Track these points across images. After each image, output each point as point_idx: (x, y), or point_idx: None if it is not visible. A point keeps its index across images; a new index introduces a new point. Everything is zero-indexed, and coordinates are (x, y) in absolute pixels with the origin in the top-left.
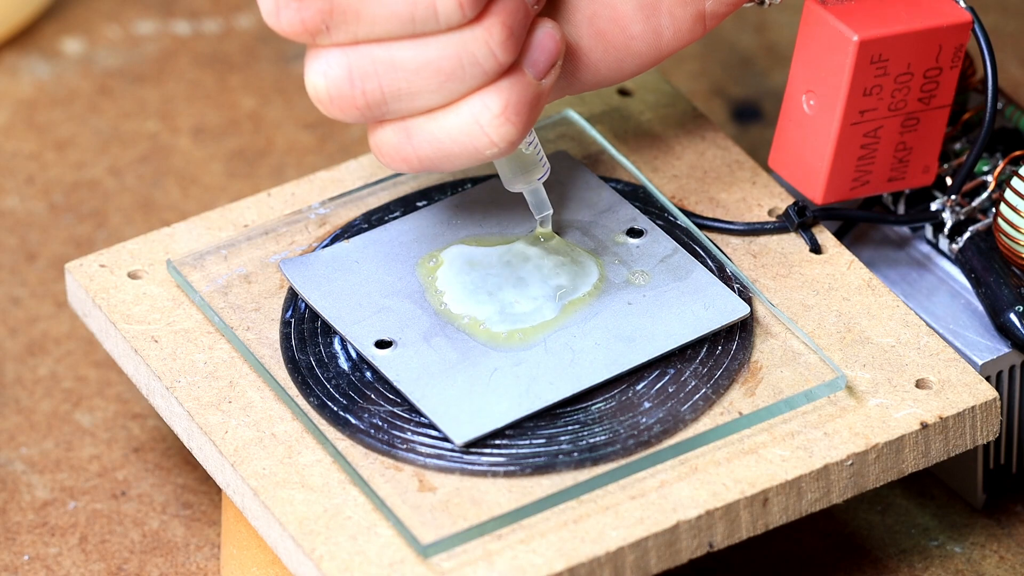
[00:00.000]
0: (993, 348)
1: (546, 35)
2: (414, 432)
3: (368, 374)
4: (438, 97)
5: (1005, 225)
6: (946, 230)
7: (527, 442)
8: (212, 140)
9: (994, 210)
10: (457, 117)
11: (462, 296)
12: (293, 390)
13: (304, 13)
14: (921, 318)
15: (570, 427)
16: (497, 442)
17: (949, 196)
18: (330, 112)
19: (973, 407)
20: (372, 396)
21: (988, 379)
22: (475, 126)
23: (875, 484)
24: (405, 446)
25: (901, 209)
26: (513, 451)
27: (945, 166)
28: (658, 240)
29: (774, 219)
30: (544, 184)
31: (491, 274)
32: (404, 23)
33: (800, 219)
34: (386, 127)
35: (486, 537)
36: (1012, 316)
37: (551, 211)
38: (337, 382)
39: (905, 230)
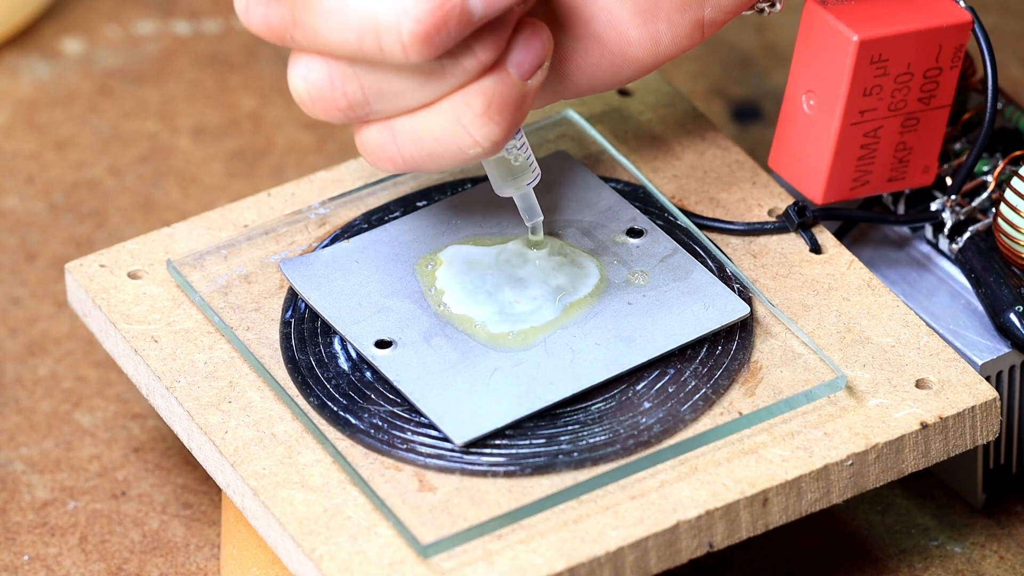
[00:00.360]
0: (993, 348)
1: (533, 35)
2: (414, 432)
3: (368, 374)
4: (420, 96)
5: (1005, 225)
6: (946, 230)
7: (527, 442)
8: (212, 140)
9: (994, 210)
10: (440, 116)
11: (462, 296)
12: (293, 390)
13: (270, 17)
14: (921, 318)
15: (570, 427)
16: (497, 442)
17: (949, 196)
18: (314, 114)
19: (973, 407)
20: (372, 396)
21: (988, 379)
22: (458, 125)
23: (875, 484)
24: (405, 446)
25: (901, 209)
26: (513, 451)
27: (945, 166)
28: (658, 240)
29: (774, 219)
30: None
31: (491, 274)
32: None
33: (800, 219)
34: (371, 127)
35: (486, 537)
36: (1012, 316)
37: (541, 217)
38: (337, 382)
39: (905, 230)
